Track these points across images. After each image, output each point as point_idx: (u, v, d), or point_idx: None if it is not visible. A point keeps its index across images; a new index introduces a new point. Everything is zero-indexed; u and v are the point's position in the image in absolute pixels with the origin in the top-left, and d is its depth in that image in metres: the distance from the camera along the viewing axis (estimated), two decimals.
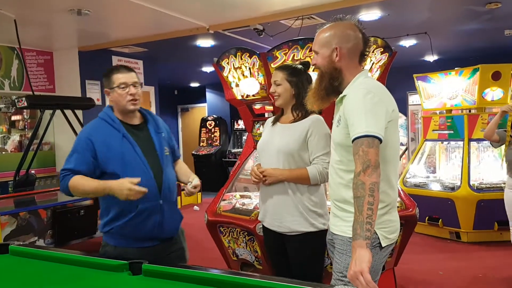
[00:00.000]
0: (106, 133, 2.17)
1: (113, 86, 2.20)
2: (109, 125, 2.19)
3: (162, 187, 2.20)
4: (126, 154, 2.14)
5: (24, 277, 1.79)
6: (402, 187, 5.48)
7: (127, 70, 2.24)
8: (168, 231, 2.26)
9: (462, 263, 4.58)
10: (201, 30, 5.47)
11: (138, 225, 2.15)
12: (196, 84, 11.51)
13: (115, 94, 2.20)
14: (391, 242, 1.85)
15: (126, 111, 2.24)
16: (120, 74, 2.21)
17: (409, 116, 8.61)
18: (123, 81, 2.19)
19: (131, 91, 2.19)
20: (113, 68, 2.27)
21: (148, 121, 2.31)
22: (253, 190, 3.84)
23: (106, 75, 2.24)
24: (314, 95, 1.92)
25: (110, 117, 2.22)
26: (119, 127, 2.19)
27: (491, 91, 5.49)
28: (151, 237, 2.19)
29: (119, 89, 2.19)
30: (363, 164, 1.63)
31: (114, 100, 2.22)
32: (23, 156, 4.82)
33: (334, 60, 1.84)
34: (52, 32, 5.81)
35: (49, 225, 3.79)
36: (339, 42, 1.83)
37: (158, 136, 2.29)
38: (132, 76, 2.23)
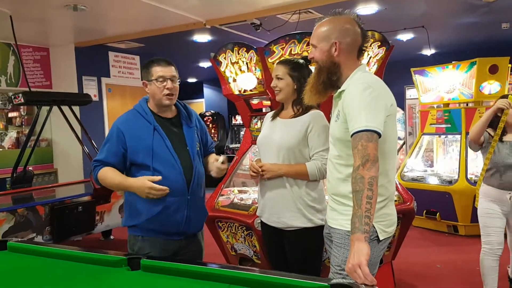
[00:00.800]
0: (137, 125, 2.19)
1: (151, 78, 2.21)
2: (142, 116, 2.21)
3: (191, 182, 2.21)
4: (156, 147, 2.15)
5: (22, 273, 1.79)
6: (400, 181, 5.49)
7: (167, 64, 2.23)
8: (194, 226, 2.27)
9: (459, 256, 4.60)
10: (198, 25, 5.45)
11: (165, 219, 2.15)
12: (194, 80, 11.49)
13: (152, 86, 2.21)
14: (388, 236, 1.86)
15: (161, 105, 2.24)
16: (159, 67, 2.21)
17: (406, 110, 8.60)
18: (161, 74, 2.19)
19: (168, 85, 2.20)
20: (153, 60, 2.27)
21: (182, 115, 2.32)
22: (251, 185, 3.85)
23: (145, 66, 2.26)
24: (312, 89, 1.92)
25: (143, 108, 2.24)
26: (150, 119, 2.20)
27: (489, 85, 5.49)
28: (178, 232, 2.20)
29: (157, 82, 2.19)
30: (362, 158, 1.63)
31: (151, 93, 2.23)
32: (20, 153, 4.81)
33: (332, 54, 1.84)
34: (48, 28, 5.78)
35: (47, 221, 3.79)
36: (338, 36, 1.82)
37: (190, 131, 2.30)
38: (171, 70, 2.23)
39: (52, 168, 6.58)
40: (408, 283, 3.85)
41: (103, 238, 5.37)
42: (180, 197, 2.17)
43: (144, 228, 2.17)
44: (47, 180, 6.29)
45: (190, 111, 2.36)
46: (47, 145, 6.65)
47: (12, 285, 1.64)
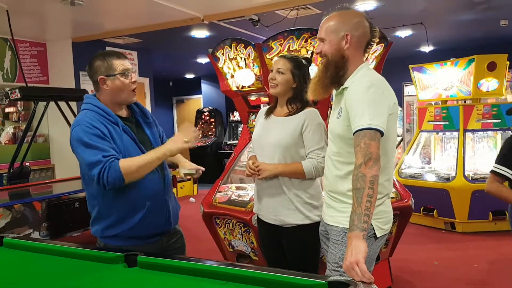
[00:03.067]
0: (106, 127, 1.94)
1: (113, 73, 1.97)
2: (104, 118, 1.96)
3: (165, 181, 2.12)
4: (129, 149, 1.97)
5: (18, 270, 1.78)
6: (398, 178, 5.49)
7: (124, 56, 2.05)
8: (173, 223, 2.19)
9: (456, 253, 4.61)
10: (196, 21, 5.43)
11: (147, 225, 2.03)
12: (191, 76, 11.45)
13: (116, 82, 1.98)
14: (385, 233, 1.87)
15: (124, 103, 2.05)
16: (121, 60, 2.00)
17: (404, 107, 8.61)
18: (126, 66, 2.00)
19: (133, 78, 2.02)
20: (108, 52, 2.04)
21: (136, 113, 2.14)
22: (249, 182, 3.84)
23: (102, 59, 1.99)
24: (318, 83, 1.88)
25: (103, 109, 1.98)
26: (115, 120, 1.98)
27: (487, 82, 5.50)
28: (160, 232, 2.11)
29: (123, 76, 1.98)
30: (365, 156, 1.63)
31: (113, 89, 1.99)
32: (17, 148, 4.79)
33: (343, 47, 1.82)
34: (45, 23, 5.75)
35: (44, 217, 3.77)
36: (349, 29, 1.81)
37: (150, 128, 2.17)
38: (129, 64, 2.04)
39: (49, 164, 6.56)
40: (405, 280, 3.86)
41: None
42: (160, 199, 2.07)
43: (126, 237, 2.01)
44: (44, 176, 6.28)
45: (141, 106, 2.19)
46: (44, 141, 6.63)
47: (8, 281, 1.63)
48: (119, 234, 2.01)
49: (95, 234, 2.09)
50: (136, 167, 1.89)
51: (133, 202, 1.99)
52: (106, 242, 2.05)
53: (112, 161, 1.86)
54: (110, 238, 2.04)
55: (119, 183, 1.88)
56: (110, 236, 2.03)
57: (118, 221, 2.00)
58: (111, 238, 2.04)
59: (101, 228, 2.04)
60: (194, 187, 8.57)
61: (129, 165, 1.88)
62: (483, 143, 5.67)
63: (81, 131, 1.91)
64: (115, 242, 2.02)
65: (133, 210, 2.00)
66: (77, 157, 1.98)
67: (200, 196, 7.77)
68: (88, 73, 2.05)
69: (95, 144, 1.88)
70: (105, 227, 2.03)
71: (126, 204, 1.98)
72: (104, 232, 2.04)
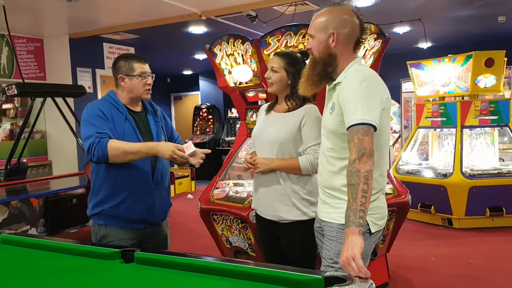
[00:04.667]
0: (111, 113, 2.22)
1: (133, 73, 2.26)
2: (113, 106, 2.25)
3: (156, 172, 2.27)
4: (126, 135, 2.20)
5: (16, 266, 1.78)
6: (395, 174, 5.50)
7: (145, 61, 2.32)
8: (158, 216, 2.33)
9: (454, 249, 4.63)
10: (193, 17, 5.41)
11: (128, 208, 2.20)
12: (189, 72, 11.43)
13: (134, 81, 2.27)
14: (380, 228, 1.87)
15: (138, 99, 2.33)
16: (142, 63, 2.29)
17: (402, 104, 8.61)
18: (144, 70, 2.28)
19: (149, 81, 2.30)
20: (131, 55, 2.35)
21: (148, 111, 2.39)
22: (247, 178, 3.84)
23: (123, 61, 2.29)
24: (307, 80, 1.91)
25: (114, 99, 2.28)
26: (122, 110, 2.26)
27: (484, 78, 5.50)
28: (141, 220, 2.25)
29: (139, 77, 2.27)
30: (359, 152, 1.63)
31: (129, 87, 2.27)
32: (14, 145, 4.78)
33: (330, 45, 1.82)
34: (42, 19, 5.72)
35: (41, 213, 3.77)
36: (336, 27, 1.81)
37: (156, 125, 2.38)
38: (148, 67, 2.32)
39: (46, 160, 6.55)
40: (403, 276, 3.87)
41: None
42: (144, 185, 2.23)
43: (108, 216, 2.21)
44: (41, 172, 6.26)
45: (155, 106, 2.47)
46: (41, 137, 6.61)
47: (6, 277, 1.63)
48: (102, 212, 2.22)
49: (88, 212, 2.31)
50: (121, 151, 2.10)
51: (119, 183, 2.19)
52: (94, 221, 2.28)
53: (102, 137, 2.10)
54: (96, 216, 2.26)
55: (103, 159, 2.10)
56: (96, 214, 2.25)
57: (104, 199, 2.22)
58: (96, 216, 2.26)
59: (91, 205, 2.27)
60: (192, 184, 8.57)
61: (116, 146, 2.10)
62: (481, 139, 5.67)
63: (86, 112, 2.22)
64: (100, 220, 2.24)
65: (117, 191, 2.20)
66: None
67: (197, 193, 7.77)
68: (112, 71, 2.36)
69: (93, 121, 2.15)
70: (94, 204, 2.26)
71: (113, 184, 2.20)
72: (93, 209, 2.26)
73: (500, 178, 5.23)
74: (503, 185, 5.18)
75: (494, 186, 5.18)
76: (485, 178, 5.23)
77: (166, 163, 2.36)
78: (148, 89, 2.32)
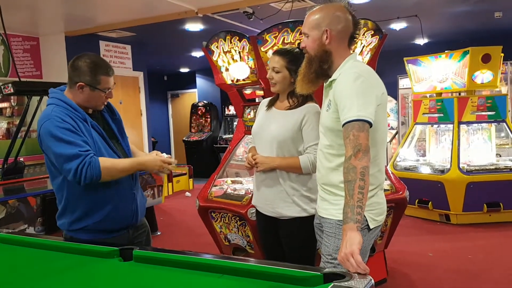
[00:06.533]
0: (74, 122, 1.97)
1: (97, 86, 2.02)
2: (73, 113, 1.99)
3: (134, 177, 2.16)
4: (99, 145, 2.01)
5: (13, 265, 1.77)
6: (393, 171, 5.51)
7: (112, 72, 2.08)
8: (140, 217, 2.23)
9: (451, 244, 4.64)
10: (190, 14, 5.39)
11: (115, 218, 2.08)
12: (186, 70, 11.40)
13: (95, 93, 2.03)
14: (378, 224, 1.87)
15: (91, 108, 2.10)
16: (108, 77, 2.05)
17: (399, 100, 8.61)
18: (109, 85, 2.06)
19: (111, 95, 2.09)
20: (98, 63, 2.04)
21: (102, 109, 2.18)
22: (244, 176, 3.84)
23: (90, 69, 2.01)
24: (304, 78, 1.92)
25: (70, 105, 2.00)
26: (84, 116, 2.02)
27: (481, 74, 5.50)
28: (127, 226, 2.15)
29: (103, 92, 2.04)
30: (354, 148, 1.64)
31: (89, 98, 2.03)
32: (11, 144, 4.76)
33: (324, 42, 1.83)
34: (38, 17, 5.70)
35: (39, 212, 3.76)
36: (329, 24, 1.82)
37: (116, 122, 2.21)
38: (113, 79, 2.10)
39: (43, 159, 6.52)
40: (401, 272, 3.88)
41: None
42: (127, 192, 2.11)
43: (92, 230, 2.05)
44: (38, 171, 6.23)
45: (109, 103, 2.21)
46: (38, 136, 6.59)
47: (3, 277, 1.62)
48: (86, 228, 2.05)
49: (62, 227, 2.13)
50: (117, 171, 1.99)
51: (101, 195, 2.02)
52: (72, 235, 2.09)
53: (91, 157, 1.91)
54: (77, 232, 2.07)
55: (96, 180, 1.93)
56: (77, 230, 2.07)
57: (85, 214, 2.04)
58: (77, 232, 2.07)
59: (68, 222, 2.07)
60: (190, 182, 8.56)
61: (108, 166, 1.95)
62: (478, 135, 5.69)
63: (51, 126, 1.93)
64: (82, 235, 2.06)
65: (100, 203, 2.03)
66: (45, 152, 2.02)
67: (195, 191, 7.76)
68: (69, 70, 2.06)
69: (68, 138, 1.91)
70: (72, 221, 2.06)
71: (93, 198, 2.02)
72: (71, 225, 2.07)
73: (497, 174, 5.25)
74: (500, 181, 5.20)
75: (492, 181, 5.20)
76: (482, 174, 5.24)
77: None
78: (106, 102, 2.11)
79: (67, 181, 1.98)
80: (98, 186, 2.00)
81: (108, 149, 2.06)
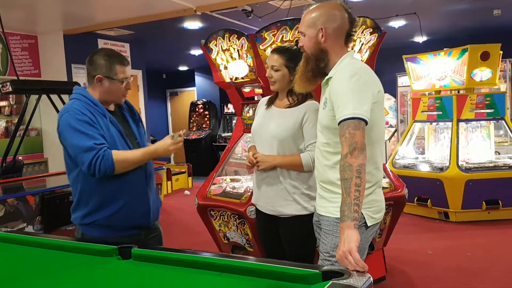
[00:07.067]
0: (94, 117, 2.02)
1: (114, 77, 2.06)
2: (93, 108, 2.04)
3: (147, 173, 2.16)
4: (115, 141, 2.05)
5: (12, 264, 1.77)
6: (391, 168, 5.52)
7: (127, 62, 2.13)
8: (153, 218, 2.22)
9: (450, 242, 4.65)
10: (188, 12, 5.39)
11: (126, 215, 2.07)
12: (185, 68, 11.39)
13: (114, 85, 2.07)
14: (376, 222, 1.88)
15: (113, 102, 2.15)
16: (124, 67, 2.09)
17: (398, 98, 8.61)
18: (126, 75, 2.11)
19: (129, 86, 2.14)
20: (113, 54, 2.11)
21: (123, 108, 2.23)
22: (244, 174, 3.84)
23: (106, 60, 2.06)
24: (301, 77, 1.93)
25: (91, 100, 2.06)
26: (103, 112, 2.06)
27: (480, 72, 5.50)
28: (137, 226, 2.14)
29: (120, 83, 2.08)
30: (350, 146, 1.64)
31: (108, 90, 2.08)
32: (9, 142, 4.75)
33: (320, 40, 1.84)
34: (36, 15, 5.68)
35: (38, 211, 3.76)
36: (325, 22, 1.83)
37: (136, 123, 2.25)
38: (129, 70, 2.14)
39: (42, 158, 6.52)
40: (400, 269, 3.89)
41: None
42: (140, 189, 2.11)
43: (101, 226, 2.06)
44: (37, 169, 6.24)
45: (128, 102, 2.27)
46: (37, 135, 6.58)
47: (2, 276, 1.62)
48: (95, 222, 2.06)
49: (74, 221, 2.14)
50: (129, 163, 2.01)
51: (113, 191, 2.04)
52: (83, 230, 2.11)
53: (105, 150, 1.94)
54: (87, 226, 2.09)
55: (109, 173, 1.96)
56: (87, 224, 2.08)
57: (97, 209, 2.05)
58: (88, 226, 2.09)
59: (80, 215, 2.09)
60: (189, 180, 8.56)
61: (121, 159, 1.98)
62: (477, 132, 5.69)
63: (70, 118, 1.99)
64: (92, 231, 2.08)
65: (111, 199, 2.05)
66: (63, 143, 2.06)
67: (194, 189, 7.76)
68: (86, 66, 2.12)
69: (85, 130, 1.95)
70: (84, 214, 2.08)
71: (105, 193, 2.04)
72: (83, 219, 2.08)
73: (496, 171, 5.25)
74: (499, 178, 5.21)
75: (490, 179, 5.21)
76: (481, 172, 5.25)
77: (151, 163, 2.24)
78: (126, 94, 2.14)
79: (82, 174, 2.02)
80: (111, 181, 2.02)
81: (124, 146, 2.08)
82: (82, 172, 2.01)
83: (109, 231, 2.07)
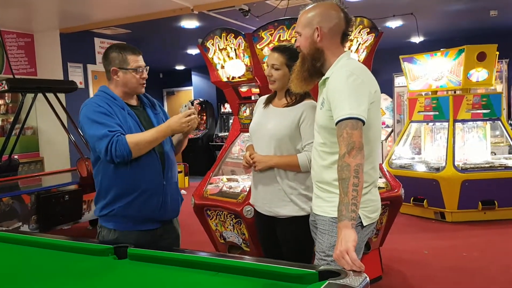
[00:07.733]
0: (112, 109, 2.09)
1: (128, 67, 2.14)
2: (112, 102, 2.12)
3: (165, 167, 2.18)
4: (132, 131, 2.08)
5: (7, 263, 1.76)
6: (388, 168, 5.52)
7: (139, 52, 2.19)
8: (170, 213, 2.23)
9: (446, 242, 4.66)
10: (185, 11, 5.38)
11: (141, 206, 2.09)
12: (182, 67, 11.37)
13: (128, 75, 2.14)
14: (372, 221, 1.88)
15: (133, 93, 2.22)
16: (136, 56, 2.16)
17: (395, 98, 8.64)
18: (139, 64, 2.16)
19: (144, 75, 2.20)
20: (124, 46, 2.20)
21: (145, 104, 2.30)
22: (240, 173, 3.83)
23: (118, 52, 2.15)
24: (298, 77, 1.93)
25: (110, 95, 2.15)
26: (122, 105, 2.14)
27: (476, 72, 5.52)
28: (153, 218, 2.15)
29: (134, 71, 2.15)
30: (348, 146, 1.64)
31: (123, 81, 2.15)
32: (5, 141, 4.73)
33: (315, 40, 1.84)
34: (32, 13, 5.66)
35: (33, 210, 3.74)
36: (320, 21, 1.83)
37: (157, 117, 2.28)
38: (142, 59, 2.20)
39: (38, 157, 6.49)
40: (396, 269, 3.89)
41: (91, 227, 5.33)
42: (156, 183, 2.13)
43: (118, 216, 2.09)
44: (33, 168, 6.21)
45: (151, 99, 2.36)
46: (33, 133, 6.56)
47: None
48: (111, 213, 2.10)
49: (95, 213, 2.20)
50: (143, 143, 2.04)
51: (129, 182, 2.08)
52: (101, 222, 2.16)
53: (118, 135, 2.00)
54: (105, 217, 2.13)
55: (127, 157, 2.01)
56: (105, 215, 2.12)
57: (114, 200, 2.10)
58: (105, 217, 2.13)
59: (100, 207, 2.15)
60: (185, 180, 8.54)
61: (135, 141, 2.02)
62: (473, 133, 5.71)
63: (87, 110, 2.08)
64: (110, 223, 2.12)
65: (127, 190, 2.08)
66: (85, 136, 2.14)
67: (191, 188, 7.75)
68: (103, 63, 2.22)
69: (100, 120, 2.03)
70: (103, 206, 2.13)
71: (122, 184, 2.08)
72: (102, 210, 2.13)
73: (492, 172, 5.27)
74: (495, 179, 5.22)
75: (486, 179, 5.22)
76: (477, 172, 5.26)
77: (172, 157, 2.28)
78: (143, 83, 2.21)
79: (102, 166, 2.10)
80: (128, 173, 2.06)
81: None
82: (102, 164, 2.09)
83: (126, 222, 2.10)
